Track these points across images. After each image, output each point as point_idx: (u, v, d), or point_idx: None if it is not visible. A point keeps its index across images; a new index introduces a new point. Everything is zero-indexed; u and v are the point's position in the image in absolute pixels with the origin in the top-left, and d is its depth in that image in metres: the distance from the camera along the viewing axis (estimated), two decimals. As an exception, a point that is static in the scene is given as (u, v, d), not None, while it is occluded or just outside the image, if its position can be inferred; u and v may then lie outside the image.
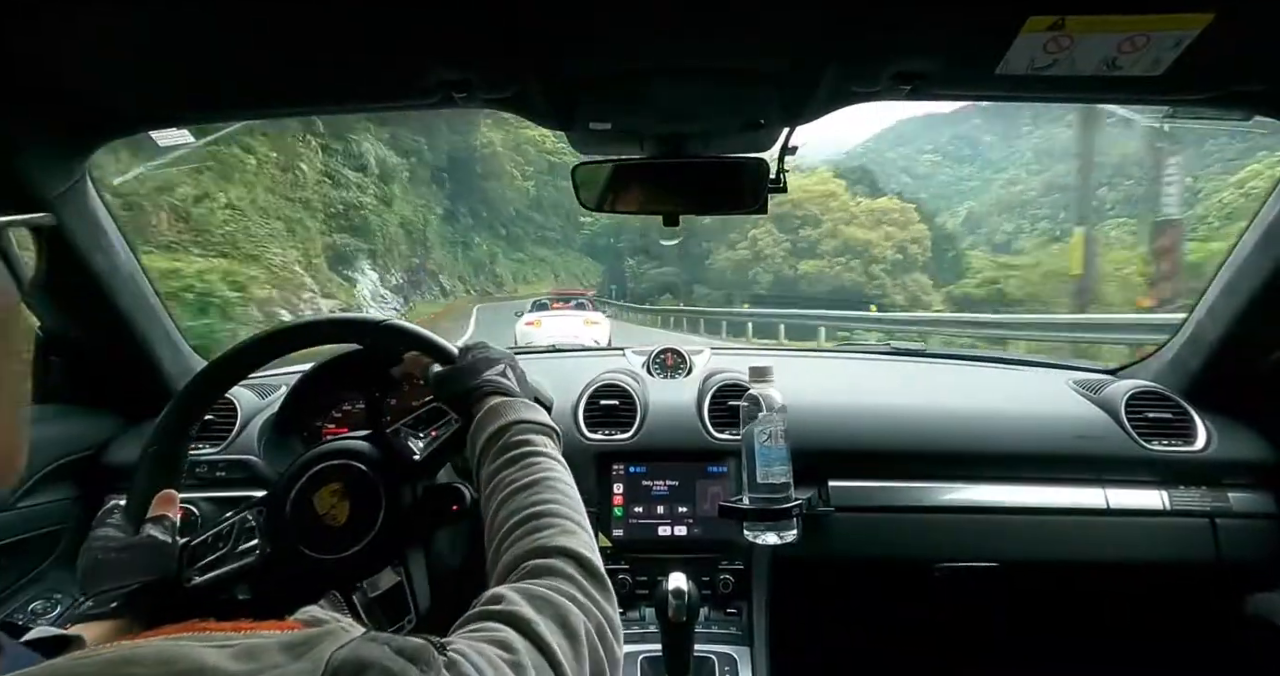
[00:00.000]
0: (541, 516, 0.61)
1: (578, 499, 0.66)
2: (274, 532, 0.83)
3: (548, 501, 0.63)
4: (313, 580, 0.81)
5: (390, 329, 0.90)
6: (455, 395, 0.79)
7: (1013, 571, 1.22)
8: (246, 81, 0.88)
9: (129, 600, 0.74)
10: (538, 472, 0.66)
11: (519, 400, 0.76)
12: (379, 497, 0.81)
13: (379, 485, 0.82)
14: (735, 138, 1.02)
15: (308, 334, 0.92)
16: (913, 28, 0.73)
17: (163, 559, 0.78)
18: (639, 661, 1.12)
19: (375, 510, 0.81)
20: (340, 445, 0.86)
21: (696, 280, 30.38)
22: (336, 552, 0.80)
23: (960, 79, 0.84)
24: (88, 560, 0.74)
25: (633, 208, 1.08)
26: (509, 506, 0.63)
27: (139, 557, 0.75)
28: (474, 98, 0.88)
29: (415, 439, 0.87)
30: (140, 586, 0.74)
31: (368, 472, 0.83)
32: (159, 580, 0.77)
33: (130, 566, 0.75)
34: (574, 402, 1.31)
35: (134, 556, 0.75)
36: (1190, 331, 1.30)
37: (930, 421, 1.30)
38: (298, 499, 0.83)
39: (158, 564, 0.77)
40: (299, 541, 0.81)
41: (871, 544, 1.22)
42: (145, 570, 0.75)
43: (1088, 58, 0.75)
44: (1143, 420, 1.26)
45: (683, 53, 0.80)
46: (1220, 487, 1.22)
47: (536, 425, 0.72)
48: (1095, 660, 1.45)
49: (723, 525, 1.17)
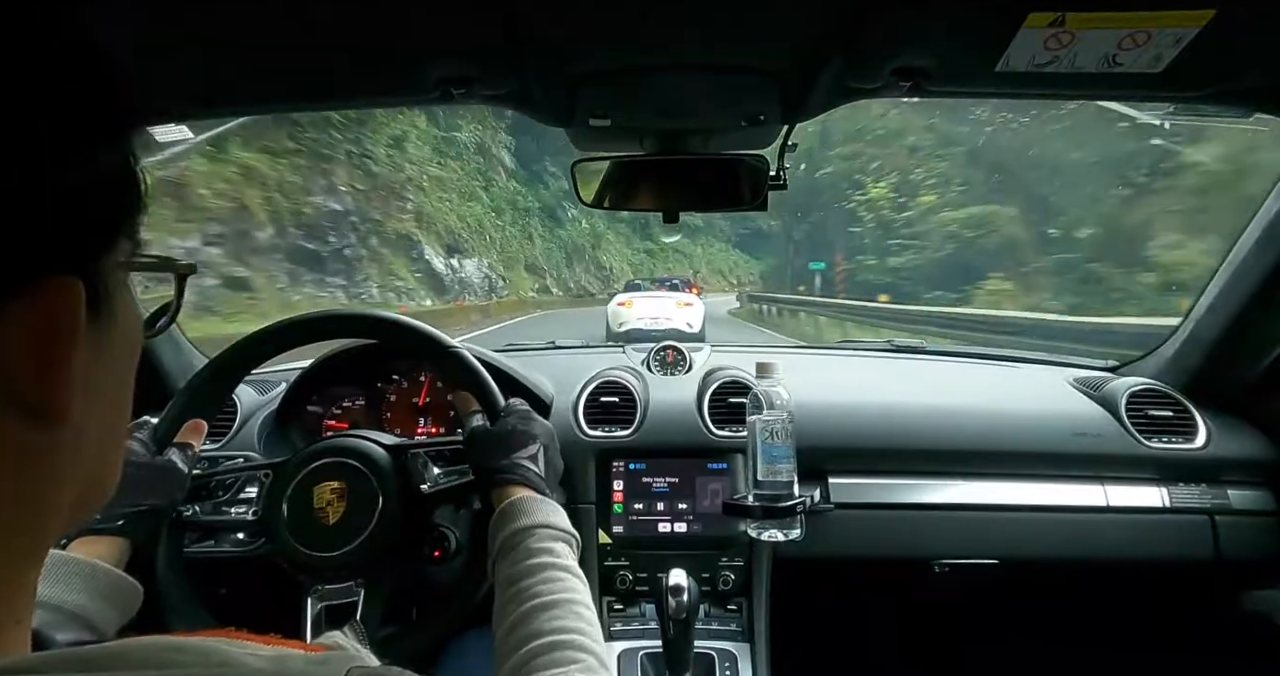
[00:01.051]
0: (563, 648, 0.59)
1: (597, 624, 0.65)
2: (269, 506, 0.84)
3: (570, 630, 0.61)
4: (284, 561, 0.83)
5: (457, 357, 0.90)
6: (483, 467, 0.79)
7: (1013, 568, 1.22)
8: (246, 78, 0.88)
9: (134, 520, 0.75)
10: (560, 592, 0.65)
11: (545, 501, 0.75)
12: (374, 513, 0.82)
13: (379, 499, 0.82)
14: (735, 134, 1.01)
15: (373, 328, 0.93)
16: (913, 24, 0.73)
17: (175, 486, 0.80)
18: (639, 658, 1.12)
19: (366, 523, 0.81)
20: (357, 445, 0.86)
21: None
22: (315, 548, 0.81)
23: (961, 76, 0.84)
24: None
25: (633, 204, 1.08)
26: (529, 626, 0.62)
27: (155, 479, 0.78)
28: (473, 94, 0.88)
29: (430, 468, 0.87)
30: (149, 509, 0.76)
31: (372, 483, 0.83)
32: (166, 505, 0.79)
33: (146, 486, 0.77)
34: (574, 399, 1.31)
35: (151, 476, 0.78)
36: (1190, 328, 1.30)
37: (930, 419, 1.30)
38: (300, 483, 0.84)
39: (169, 489, 0.79)
40: (287, 523, 0.82)
41: (872, 541, 1.23)
42: (157, 493, 0.78)
43: (1088, 55, 0.74)
44: (1143, 417, 1.26)
45: (682, 49, 0.80)
46: (1220, 485, 1.22)
47: (560, 531, 0.72)
48: (1095, 656, 1.45)
49: (723, 522, 1.17)
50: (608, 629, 1.17)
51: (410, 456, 0.87)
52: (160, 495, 0.78)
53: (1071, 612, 1.46)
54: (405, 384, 1.30)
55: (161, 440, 0.83)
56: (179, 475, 0.80)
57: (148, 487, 0.77)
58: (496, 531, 0.72)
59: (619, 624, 1.18)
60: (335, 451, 0.86)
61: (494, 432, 0.82)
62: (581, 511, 1.21)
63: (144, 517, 0.76)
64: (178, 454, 0.81)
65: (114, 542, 0.73)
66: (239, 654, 0.33)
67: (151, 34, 0.74)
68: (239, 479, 0.88)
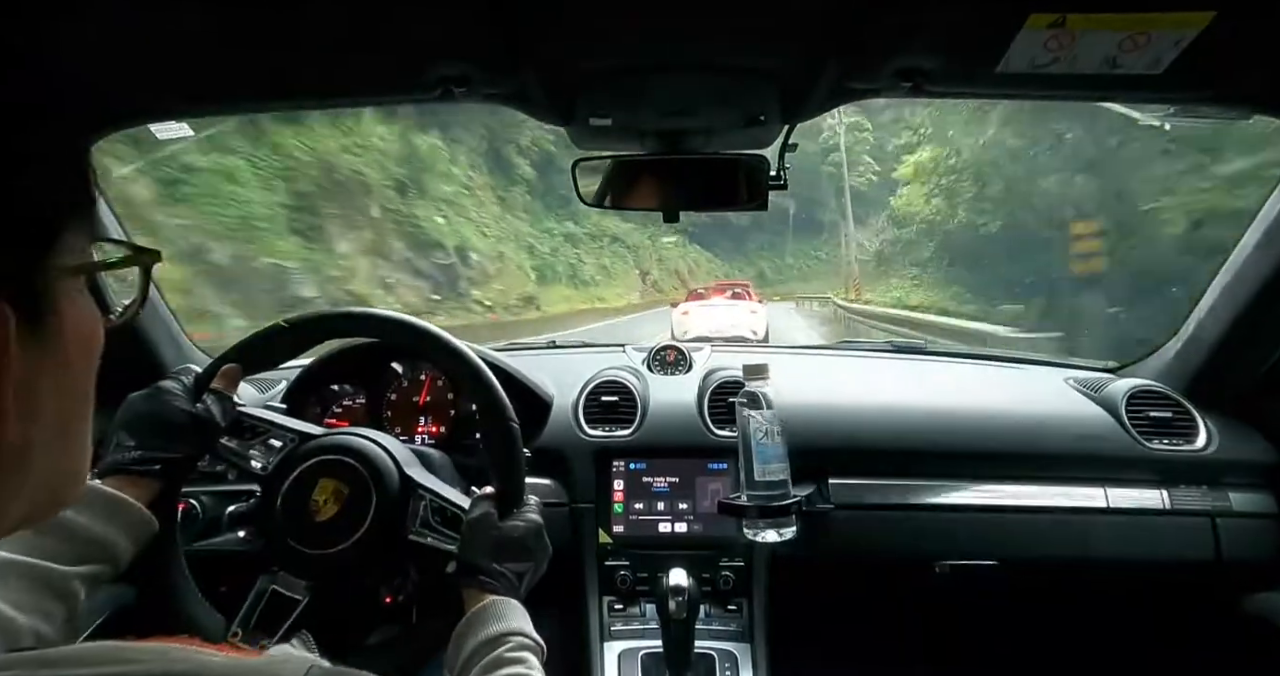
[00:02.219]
0: None
1: None
2: (278, 472, 0.84)
3: None
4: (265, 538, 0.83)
5: (508, 433, 0.84)
6: (470, 562, 0.76)
7: (1013, 570, 1.22)
8: (247, 75, 0.88)
9: (167, 465, 0.76)
10: None
11: (516, 607, 0.73)
12: (358, 530, 0.81)
13: (367, 520, 0.81)
14: (736, 134, 1.02)
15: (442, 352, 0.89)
16: (914, 25, 0.73)
17: (206, 437, 0.81)
18: (639, 657, 1.13)
19: (346, 536, 0.80)
20: (375, 456, 0.85)
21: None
22: (298, 539, 0.81)
23: (961, 76, 0.84)
24: (148, 408, 0.78)
25: (633, 204, 1.09)
26: None
27: (190, 428, 0.79)
28: (474, 92, 0.88)
29: (426, 516, 0.84)
30: (183, 456, 0.78)
31: (372, 509, 0.82)
32: (197, 454, 0.80)
33: (182, 434, 0.78)
34: (574, 399, 1.31)
35: (188, 424, 0.78)
36: (1191, 330, 1.30)
37: (930, 419, 1.30)
38: (309, 469, 0.84)
39: (202, 441, 0.80)
40: (282, 509, 0.82)
41: (871, 541, 1.23)
42: (191, 443, 0.79)
43: (1089, 56, 0.75)
44: (1143, 419, 1.26)
45: (683, 48, 0.80)
46: (1221, 487, 1.22)
47: (529, 640, 0.70)
48: (1095, 658, 1.45)
49: (723, 522, 1.17)
50: (608, 629, 1.17)
51: (416, 496, 0.84)
52: (192, 444, 0.79)
53: (1072, 614, 1.46)
54: (406, 383, 1.30)
55: (199, 385, 0.83)
56: (213, 426, 0.81)
57: (182, 435, 0.78)
58: (465, 637, 0.70)
59: (619, 624, 1.18)
60: (351, 452, 0.84)
61: (499, 531, 0.77)
62: (581, 511, 1.22)
63: (176, 465, 0.77)
64: (215, 403, 0.82)
65: (144, 483, 0.74)
66: (194, 653, 0.34)
67: (152, 32, 0.75)
68: (269, 431, 0.88)
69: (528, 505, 0.82)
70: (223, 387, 0.84)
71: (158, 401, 0.78)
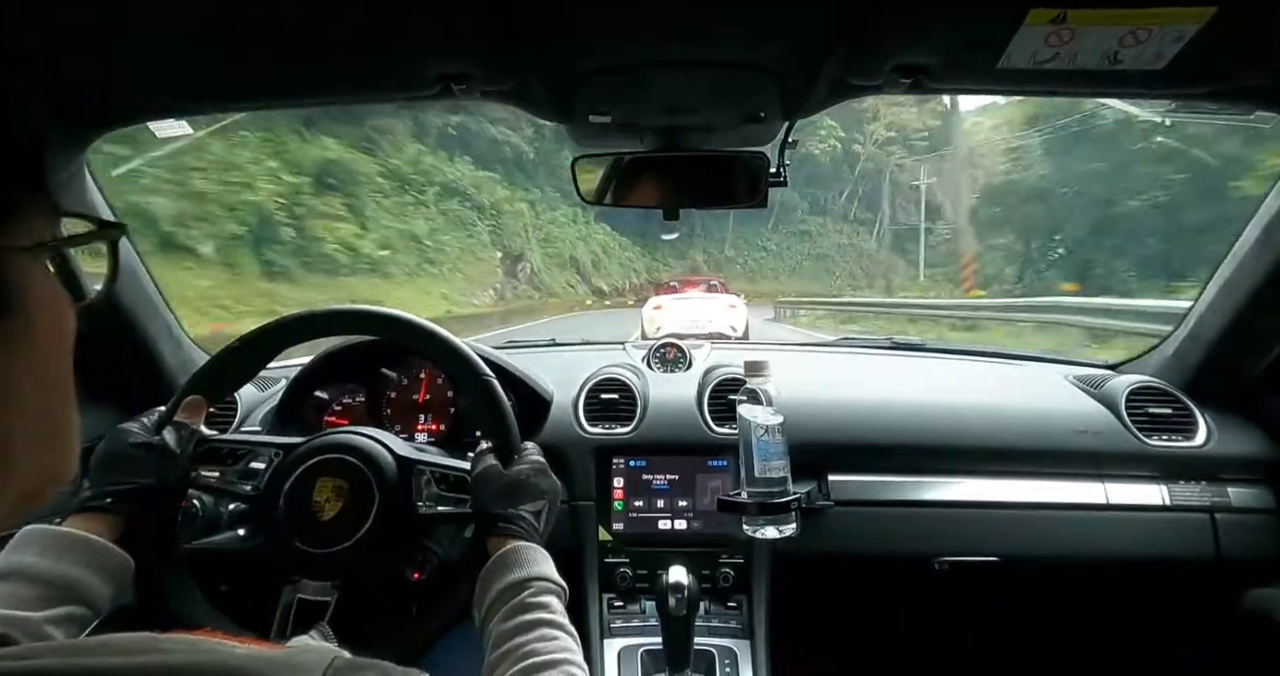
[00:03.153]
0: None
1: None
2: (271, 484, 0.84)
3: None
4: (272, 548, 0.83)
5: (485, 388, 0.87)
6: (485, 511, 0.78)
7: (1013, 566, 1.22)
8: (246, 73, 0.88)
9: (121, 498, 0.76)
10: (556, 652, 0.65)
11: (537, 550, 0.75)
12: (367, 518, 0.81)
13: (374, 506, 0.82)
14: (735, 131, 1.01)
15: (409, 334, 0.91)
16: (913, 21, 0.73)
17: (165, 465, 0.80)
18: (639, 654, 1.13)
19: (358, 527, 0.81)
20: (366, 446, 0.85)
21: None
22: (304, 540, 0.82)
23: (961, 73, 0.84)
24: (104, 449, 0.79)
25: (632, 201, 1.08)
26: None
27: (145, 458, 0.79)
28: (473, 90, 0.87)
29: (432, 487, 0.86)
30: (137, 488, 0.77)
31: (372, 489, 0.83)
32: (156, 486, 0.79)
33: (136, 465, 0.78)
34: (574, 396, 1.31)
35: (141, 455, 0.78)
36: (1191, 326, 1.30)
37: (930, 416, 1.30)
38: (305, 471, 0.84)
39: (160, 468, 0.79)
40: (283, 508, 0.83)
41: (871, 538, 1.23)
42: (147, 473, 0.78)
43: (1090, 52, 0.74)
44: (1143, 415, 1.26)
45: (682, 45, 0.80)
46: (1220, 483, 1.22)
47: (553, 584, 0.72)
48: (1094, 653, 1.45)
49: (723, 519, 1.17)
50: (608, 626, 1.18)
51: (416, 472, 0.86)
52: (149, 474, 0.78)
53: (1071, 610, 1.46)
54: (405, 380, 1.30)
55: (160, 422, 0.84)
56: (169, 453, 0.80)
57: (137, 466, 0.77)
58: (490, 581, 0.71)
59: (619, 621, 1.18)
60: (343, 448, 0.85)
61: (505, 478, 0.80)
62: (582, 508, 1.22)
63: (133, 496, 0.76)
64: (171, 433, 0.82)
65: (105, 519, 0.74)
66: (219, 645, 0.34)
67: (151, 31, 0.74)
68: (250, 451, 0.88)
69: (526, 449, 0.85)
70: (186, 418, 0.84)
71: (113, 440, 0.79)
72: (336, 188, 14.45)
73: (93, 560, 0.68)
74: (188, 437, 0.83)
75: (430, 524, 0.85)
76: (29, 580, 0.64)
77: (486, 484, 0.80)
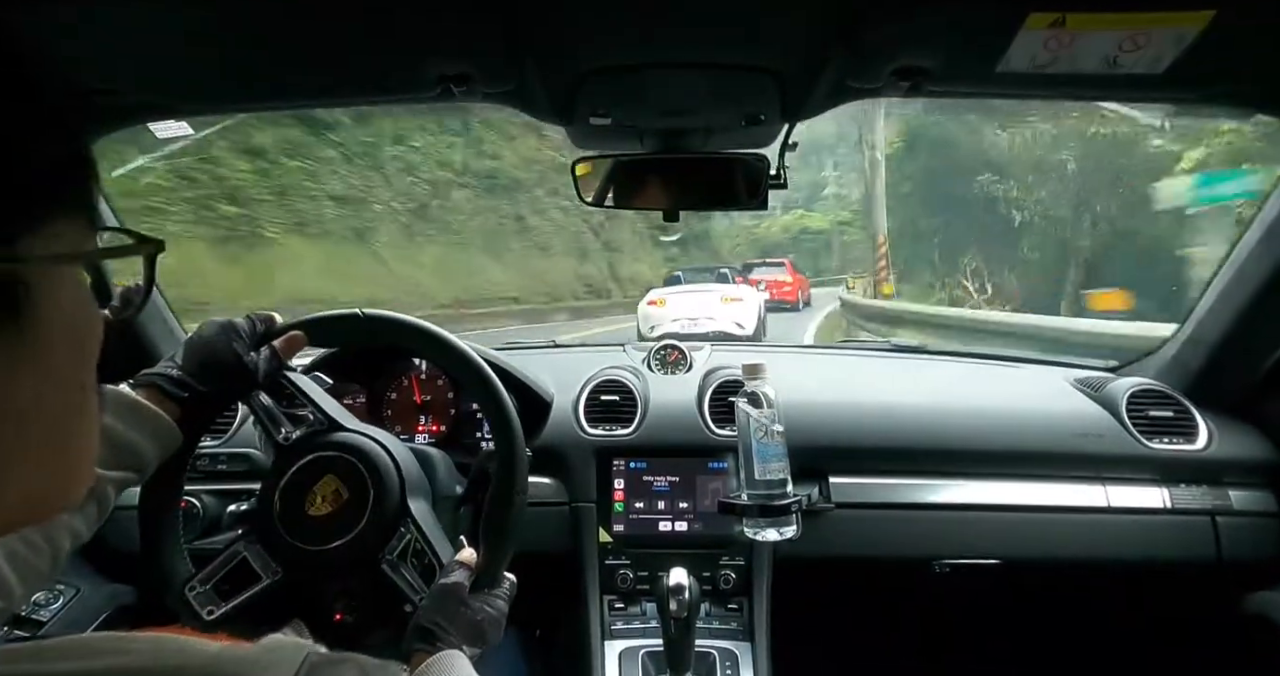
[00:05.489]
0: None
1: None
2: (281, 461, 0.84)
3: None
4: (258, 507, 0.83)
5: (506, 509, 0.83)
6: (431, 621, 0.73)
7: (1013, 569, 1.22)
8: (246, 74, 0.88)
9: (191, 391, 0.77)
10: None
11: (460, 659, 0.70)
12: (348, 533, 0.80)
13: (360, 523, 0.81)
14: (735, 133, 1.02)
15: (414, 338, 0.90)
16: (913, 24, 0.73)
17: (238, 385, 0.82)
18: (640, 656, 1.13)
19: (337, 536, 0.80)
20: (367, 447, 0.84)
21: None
22: (285, 525, 0.81)
23: (961, 76, 0.84)
24: (204, 337, 0.80)
25: (633, 203, 1.09)
26: None
27: (232, 369, 0.80)
28: (474, 91, 0.88)
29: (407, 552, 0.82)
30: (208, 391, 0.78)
31: (371, 495, 0.82)
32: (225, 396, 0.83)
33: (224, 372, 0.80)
34: (574, 398, 1.31)
35: (231, 363, 0.80)
36: (1191, 329, 1.30)
37: (931, 418, 1.30)
38: (300, 471, 0.83)
39: (232, 387, 0.82)
40: (283, 491, 0.82)
41: (872, 540, 1.23)
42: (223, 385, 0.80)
43: (1089, 55, 0.75)
44: (1144, 418, 1.26)
45: (683, 48, 0.80)
46: (1221, 486, 1.21)
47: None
48: (1095, 657, 1.45)
49: (723, 521, 1.17)
50: (608, 628, 1.18)
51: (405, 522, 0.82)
52: (225, 387, 0.80)
53: (1072, 613, 1.46)
54: (405, 382, 1.31)
55: (263, 337, 0.84)
56: (250, 377, 0.81)
57: (222, 374, 0.79)
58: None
59: (619, 623, 1.18)
60: (342, 448, 0.84)
61: (467, 612, 0.76)
62: (582, 510, 1.22)
63: (203, 400, 0.78)
64: (265, 359, 0.82)
65: (165, 403, 0.75)
66: (188, 643, 0.34)
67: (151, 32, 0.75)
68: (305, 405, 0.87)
69: (501, 586, 0.81)
70: (281, 347, 0.85)
71: (221, 335, 0.80)
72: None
73: (156, 430, 0.73)
74: (275, 369, 0.83)
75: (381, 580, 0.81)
76: (106, 440, 0.66)
77: (445, 602, 0.75)
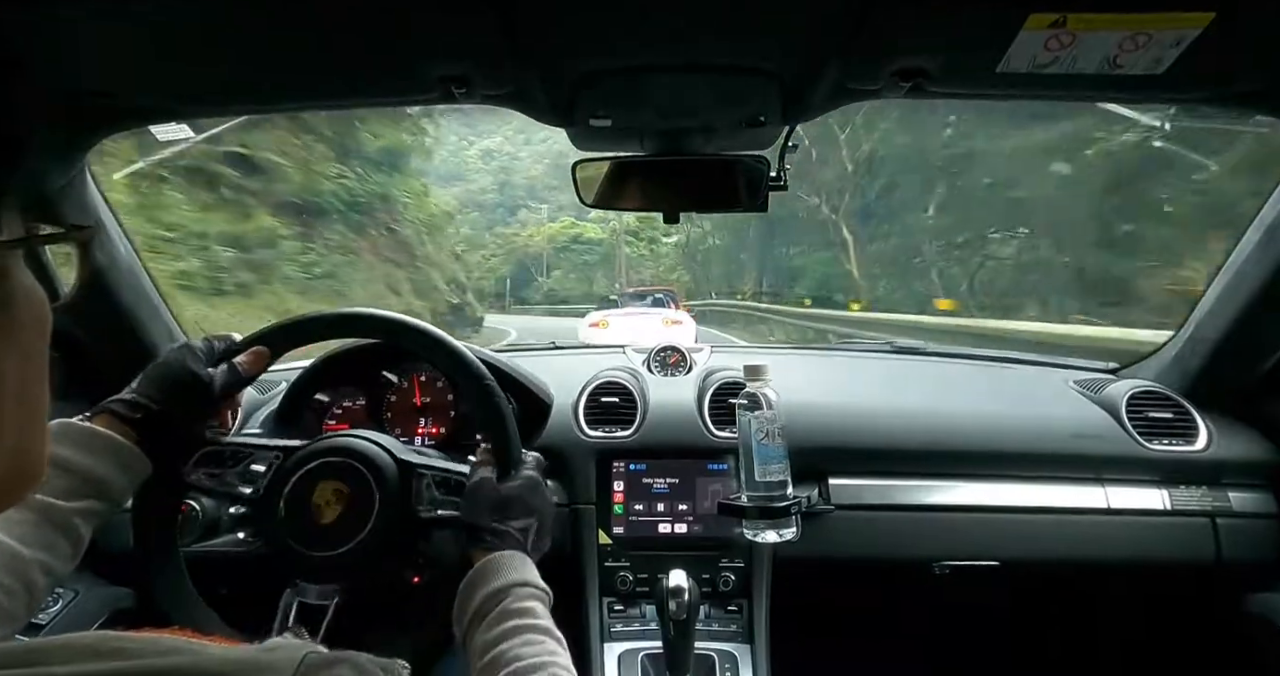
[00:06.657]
0: None
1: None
2: (271, 488, 0.84)
3: None
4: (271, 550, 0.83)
5: (486, 392, 0.86)
6: (472, 523, 0.77)
7: (1013, 570, 1.22)
8: (247, 77, 0.88)
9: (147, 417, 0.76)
10: (541, 655, 0.63)
11: (518, 556, 0.74)
12: (368, 521, 0.81)
13: (375, 509, 0.81)
14: (736, 135, 1.02)
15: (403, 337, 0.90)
16: (913, 25, 0.73)
17: (198, 399, 0.80)
18: (639, 658, 1.12)
19: (359, 530, 0.81)
20: (366, 449, 0.85)
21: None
22: (303, 543, 0.81)
23: (961, 77, 0.84)
24: (163, 361, 0.80)
25: (633, 204, 1.08)
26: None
27: (188, 386, 0.79)
28: (474, 93, 0.88)
29: (433, 491, 0.85)
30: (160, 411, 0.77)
31: (373, 492, 0.82)
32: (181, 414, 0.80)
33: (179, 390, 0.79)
34: (574, 400, 1.31)
35: (189, 383, 0.79)
36: (1191, 330, 1.30)
37: (931, 420, 1.30)
38: (305, 475, 0.83)
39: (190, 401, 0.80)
40: (283, 511, 0.82)
41: (872, 542, 1.22)
42: (180, 404, 0.79)
43: (1089, 56, 0.75)
44: (1143, 419, 1.26)
45: (683, 50, 0.80)
46: (1221, 487, 1.22)
47: (534, 589, 0.70)
48: (1095, 659, 1.45)
49: (723, 523, 1.17)
50: (608, 630, 1.17)
51: (416, 475, 0.85)
52: (182, 406, 0.79)
53: (1072, 614, 1.46)
54: (405, 384, 1.30)
55: (222, 354, 0.83)
56: (207, 391, 0.80)
57: (177, 392, 0.78)
58: (470, 592, 0.70)
59: (619, 625, 1.18)
60: (343, 451, 0.85)
61: (497, 492, 0.79)
62: (582, 512, 1.21)
63: (161, 421, 0.77)
64: (222, 373, 0.81)
65: (125, 430, 0.75)
66: (185, 644, 0.34)
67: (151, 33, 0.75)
68: (251, 454, 0.87)
69: (525, 463, 0.84)
70: (246, 364, 0.84)
71: (175, 354, 0.80)
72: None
73: (120, 460, 0.72)
74: (233, 380, 0.83)
75: (430, 527, 0.85)
76: (64, 471, 0.67)
77: (478, 496, 0.79)
